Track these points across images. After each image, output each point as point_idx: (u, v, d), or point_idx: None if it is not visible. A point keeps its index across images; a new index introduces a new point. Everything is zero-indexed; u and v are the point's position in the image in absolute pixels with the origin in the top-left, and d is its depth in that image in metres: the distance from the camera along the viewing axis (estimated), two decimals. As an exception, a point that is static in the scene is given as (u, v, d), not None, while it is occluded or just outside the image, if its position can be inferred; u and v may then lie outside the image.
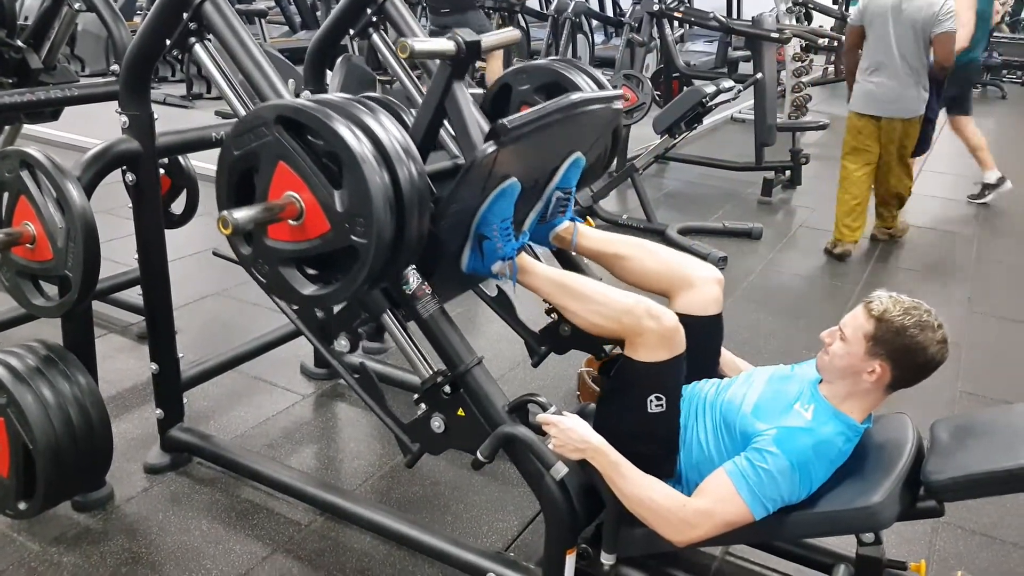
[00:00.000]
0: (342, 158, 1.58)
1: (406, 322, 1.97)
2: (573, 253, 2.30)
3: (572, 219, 2.21)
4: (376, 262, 1.61)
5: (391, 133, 1.65)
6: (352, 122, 1.60)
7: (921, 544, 2.35)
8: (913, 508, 1.72)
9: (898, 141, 4.59)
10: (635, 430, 1.85)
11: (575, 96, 2.02)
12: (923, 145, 4.90)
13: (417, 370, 1.95)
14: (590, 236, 2.21)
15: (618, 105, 2.19)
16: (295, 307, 2.12)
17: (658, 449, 1.88)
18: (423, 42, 1.87)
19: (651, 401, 1.85)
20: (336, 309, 2.03)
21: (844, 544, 1.99)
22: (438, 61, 1.95)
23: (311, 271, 1.75)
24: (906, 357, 1.68)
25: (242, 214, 1.58)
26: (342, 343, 2.01)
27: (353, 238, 1.60)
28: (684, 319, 1.90)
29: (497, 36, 2.18)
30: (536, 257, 2.22)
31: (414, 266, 1.88)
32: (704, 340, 2.01)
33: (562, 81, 2.31)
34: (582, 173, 2.20)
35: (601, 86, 2.32)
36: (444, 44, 1.89)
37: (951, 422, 1.87)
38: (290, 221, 1.66)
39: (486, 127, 2.13)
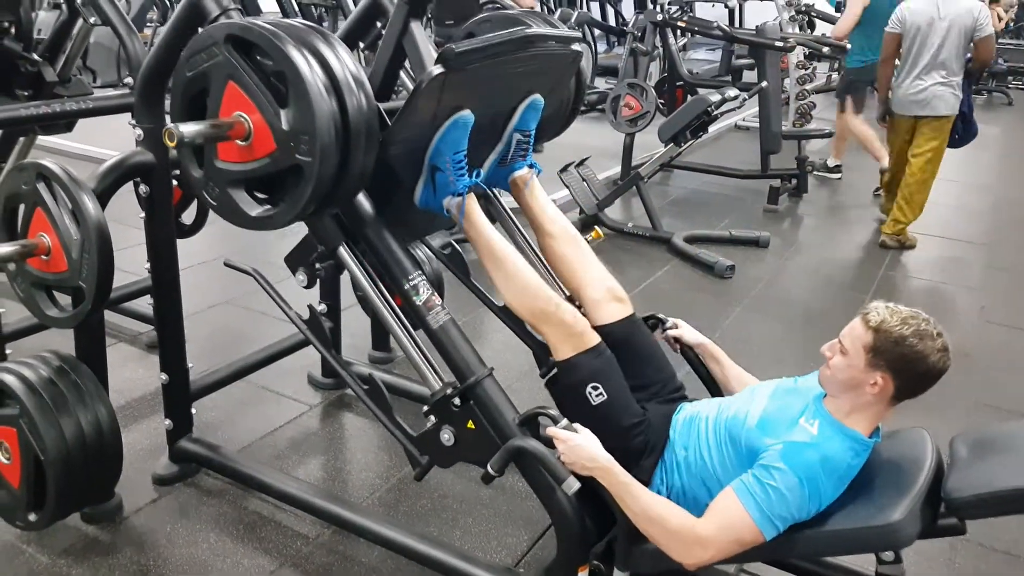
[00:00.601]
0: (287, 75, 1.62)
1: (416, 330, 1.97)
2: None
3: (531, 165, 2.22)
4: (321, 181, 1.65)
5: (343, 61, 1.69)
6: (303, 45, 1.64)
7: (940, 562, 2.33)
8: (934, 526, 1.69)
9: (930, 139, 4.90)
10: (595, 428, 1.84)
11: (530, 31, 2.03)
12: (968, 136, 5.10)
13: (427, 381, 1.95)
14: (536, 197, 2.22)
15: (577, 47, 2.19)
16: (304, 320, 2.13)
17: (625, 441, 1.90)
18: None
19: (590, 393, 1.91)
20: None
21: (862, 562, 1.97)
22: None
23: (261, 196, 1.79)
24: (907, 367, 1.67)
25: (188, 128, 1.63)
26: (299, 278, 2.04)
27: (298, 156, 1.64)
28: (599, 330, 2.01)
29: None
30: (502, 207, 2.27)
31: (378, 209, 1.92)
32: (631, 339, 2.08)
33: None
34: (543, 121, 2.21)
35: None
36: None
37: (970, 437, 1.83)
38: (238, 141, 1.70)
39: None
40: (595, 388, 1.91)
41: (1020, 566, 2.34)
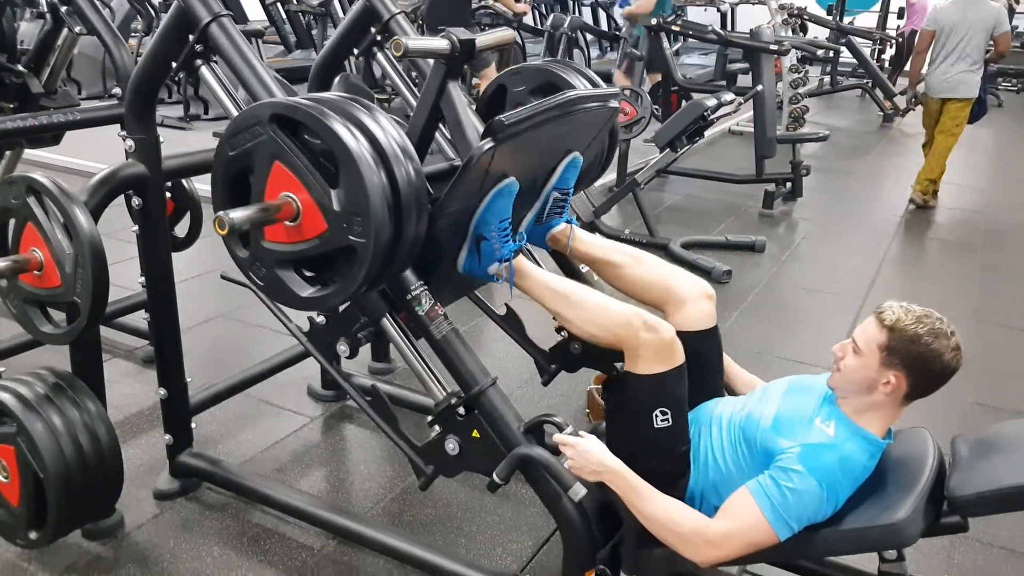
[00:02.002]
0: (338, 156, 1.56)
1: (417, 340, 1.96)
2: (570, 256, 2.28)
3: (568, 221, 2.20)
4: (375, 262, 1.60)
5: (388, 132, 1.64)
6: (349, 120, 1.59)
7: (940, 559, 2.33)
8: (937, 524, 1.69)
9: (953, 117, 5.95)
10: (644, 447, 1.83)
11: (572, 93, 2.01)
12: (981, 113, 6.15)
13: (431, 391, 1.94)
14: (585, 240, 2.19)
15: (615, 104, 2.17)
16: (304, 332, 2.11)
17: (670, 465, 1.86)
18: (417, 40, 1.86)
19: (656, 416, 1.83)
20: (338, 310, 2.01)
21: (865, 561, 1.96)
22: (432, 62, 1.93)
23: (309, 273, 1.74)
24: (921, 365, 1.67)
25: (238, 214, 1.56)
26: (341, 348, 1.99)
27: (351, 238, 1.58)
28: (679, 336, 1.87)
29: (492, 36, 2.18)
30: (534, 259, 2.21)
31: (420, 279, 1.88)
32: (703, 355, 1.99)
33: (557, 81, 2.30)
34: (579, 174, 2.19)
35: (596, 86, 2.31)
36: (438, 43, 1.88)
37: (971, 436, 1.84)
38: (287, 222, 1.64)
39: (481, 127, 2.13)
40: (664, 412, 1.83)
41: (1018, 561, 2.33)
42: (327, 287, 1.69)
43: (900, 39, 11.10)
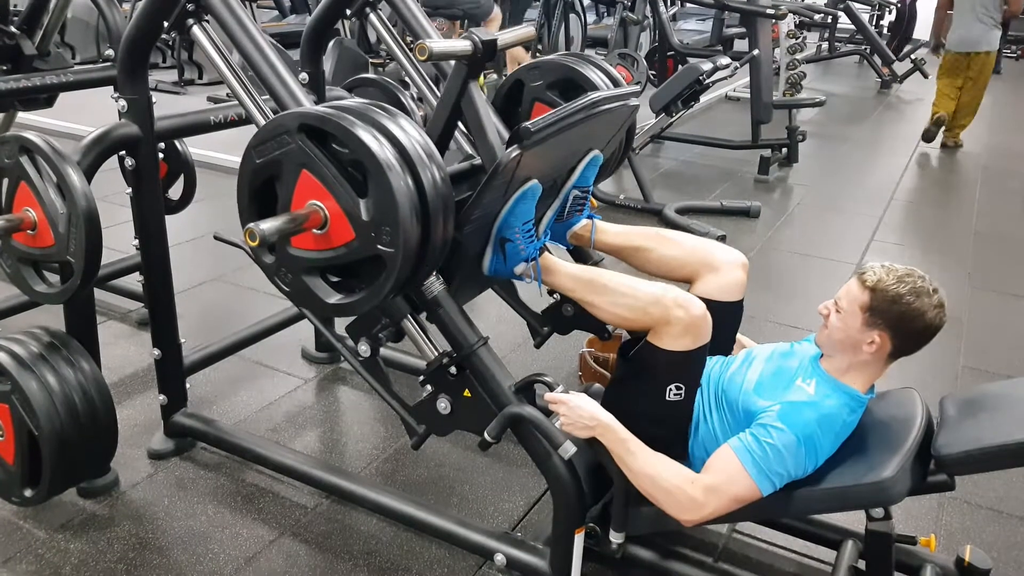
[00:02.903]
0: (368, 167, 1.56)
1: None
2: (591, 250, 2.29)
3: (590, 216, 2.21)
4: (403, 270, 1.60)
5: (412, 137, 1.63)
6: (375, 128, 1.58)
7: (928, 519, 2.36)
8: (924, 482, 1.72)
9: (980, 67, 6.72)
10: (649, 413, 1.85)
11: (595, 95, 2.00)
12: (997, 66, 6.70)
13: (422, 351, 1.95)
14: (609, 231, 2.21)
15: (635, 102, 2.18)
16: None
17: (671, 434, 1.88)
18: (440, 44, 1.84)
19: (670, 389, 1.84)
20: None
21: (852, 520, 2.00)
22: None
23: (334, 279, 1.74)
24: (904, 324, 1.68)
25: (268, 225, 1.55)
26: (362, 348, 1.99)
27: (379, 247, 1.58)
28: (706, 304, 1.86)
29: (513, 34, 2.16)
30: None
31: (445, 282, 1.89)
32: (722, 327, 1.96)
33: (576, 77, 2.30)
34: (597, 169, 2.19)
35: (614, 80, 2.31)
36: (461, 44, 1.87)
37: (960, 396, 1.87)
38: (314, 230, 1.64)
39: (501, 127, 2.13)
40: (678, 388, 1.84)
41: (1005, 522, 2.37)
42: (354, 294, 1.69)
43: (901, 4, 11.00)
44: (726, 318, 2.02)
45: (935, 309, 1.68)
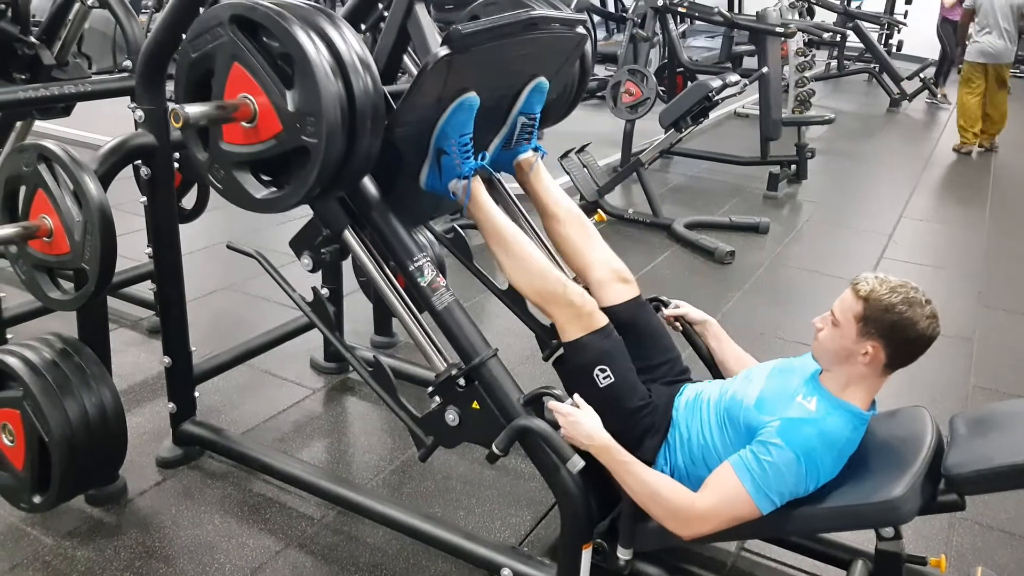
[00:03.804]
0: (294, 56, 1.61)
1: (421, 313, 1.97)
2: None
3: (536, 148, 2.22)
4: (327, 163, 1.64)
5: (349, 43, 1.67)
6: (310, 26, 1.63)
7: (938, 540, 2.34)
8: (934, 502, 1.70)
9: (997, 77, 7.50)
10: (599, 407, 1.85)
11: (536, 12, 2.02)
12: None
13: (431, 363, 1.95)
14: (541, 179, 2.22)
15: (582, 30, 2.18)
16: (308, 302, 2.13)
17: (629, 423, 1.91)
18: None
19: (597, 375, 1.91)
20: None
21: (862, 539, 1.99)
22: None
23: (266, 177, 1.78)
24: (897, 334, 1.68)
25: (194, 109, 1.62)
26: (304, 262, 2.03)
27: (304, 138, 1.63)
28: (606, 311, 2.01)
29: None
30: (505, 190, 2.26)
31: (383, 192, 1.91)
32: (642, 319, 2.09)
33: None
34: (547, 106, 2.21)
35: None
36: None
37: (970, 415, 1.86)
38: (244, 123, 1.69)
39: None
40: (603, 370, 1.92)
41: (1017, 544, 2.35)
42: (282, 189, 1.74)
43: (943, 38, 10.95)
44: (637, 311, 2.10)
45: (927, 319, 1.68)
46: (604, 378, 1.92)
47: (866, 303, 1.70)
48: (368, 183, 1.94)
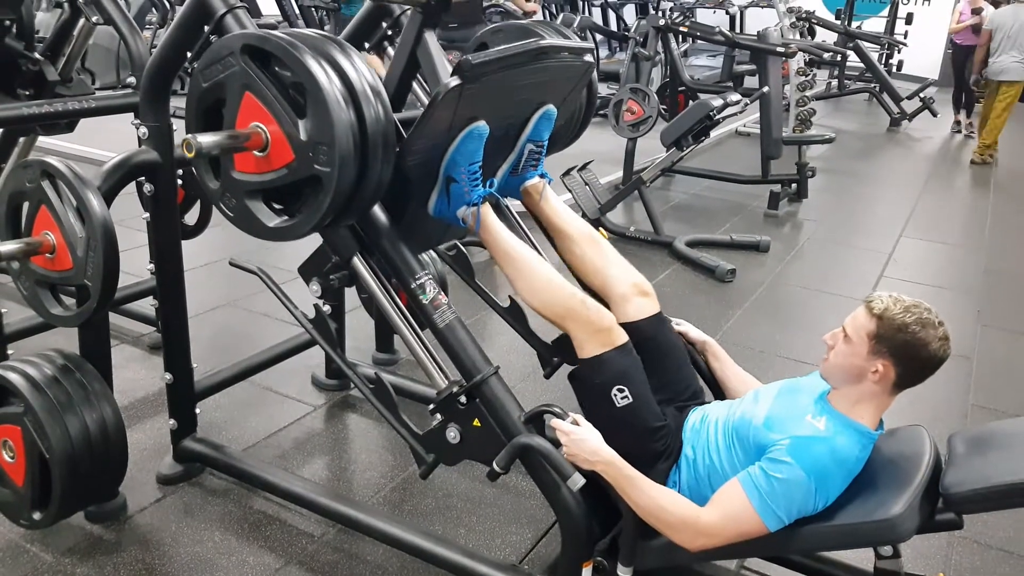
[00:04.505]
0: (306, 85, 1.61)
1: (423, 330, 1.98)
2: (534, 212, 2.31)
3: (543, 175, 2.23)
4: (339, 192, 1.64)
5: (360, 71, 1.68)
6: (319, 55, 1.63)
7: (937, 559, 2.34)
8: (932, 520, 1.70)
9: (1012, 94, 7.92)
10: (615, 428, 1.85)
11: (545, 42, 2.03)
12: None
13: (433, 380, 1.96)
14: (551, 203, 2.22)
15: (589, 58, 2.20)
16: (310, 319, 2.13)
17: (645, 443, 1.89)
18: None
19: (615, 395, 1.89)
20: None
21: (861, 558, 1.98)
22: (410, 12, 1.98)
23: (277, 205, 1.78)
24: (908, 353, 1.68)
25: (206, 139, 1.62)
26: (313, 288, 2.03)
27: (316, 167, 1.63)
28: (625, 327, 1.97)
29: None
30: (519, 225, 2.26)
31: (392, 221, 1.91)
32: (660, 337, 2.07)
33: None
34: (555, 133, 2.22)
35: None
36: None
37: (968, 434, 1.86)
38: (255, 152, 1.69)
39: None
40: (621, 390, 1.89)
41: (1016, 563, 2.35)
42: (293, 218, 1.74)
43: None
44: (656, 328, 2.09)
45: (939, 341, 1.68)
46: (622, 398, 1.89)
47: (880, 321, 1.70)
48: (378, 210, 1.93)
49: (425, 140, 1.86)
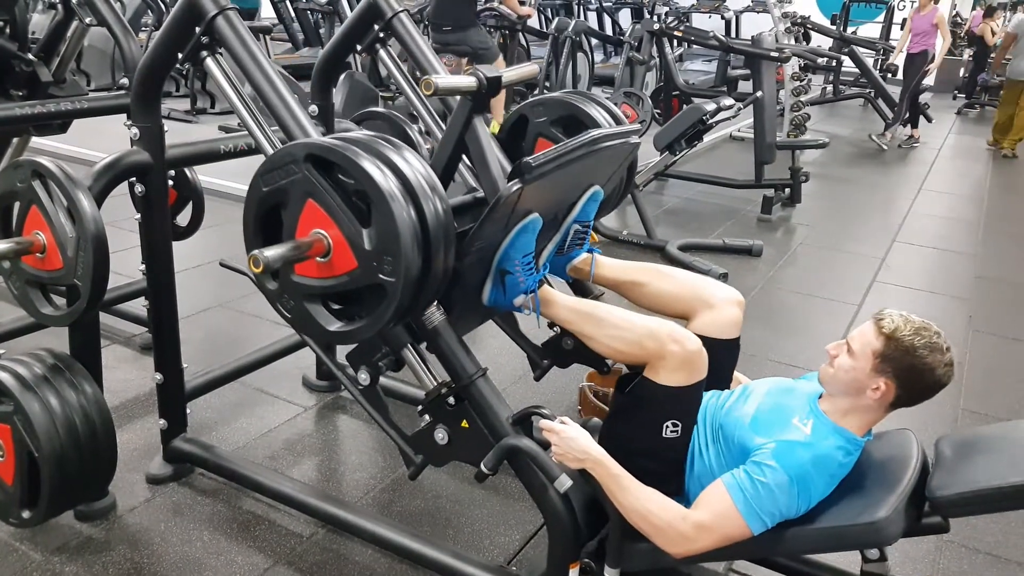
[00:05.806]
0: (371, 197, 1.59)
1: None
2: (591, 283, 2.30)
3: (590, 250, 2.23)
4: (403, 300, 1.62)
5: (416, 169, 1.66)
6: (380, 160, 1.62)
7: (925, 563, 2.35)
8: (918, 524, 1.71)
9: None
10: (645, 449, 1.85)
11: (596, 132, 2.03)
12: None
13: (421, 381, 1.96)
14: (607, 265, 2.23)
15: (636, 140, 2.21)
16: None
17: (666, 469, 1.88)
18: (446, 79, 1.89)
19: (667, 426, 1.84)
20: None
21: (847, 561, 1.99)
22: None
23: (335, 306, 1.76)
24: (913, 377, 1.69)
25: (272, 252, 1.59)
26: (362, 376, 2.00)
27: (381, 276, 1.61)
28: (703, 341, 1.87)
29: (517, 71, 2.21)
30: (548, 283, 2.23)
31: (446, 312, 1.90)
32: (719, 364, 1.96)
33: (578, 114, 2.34)
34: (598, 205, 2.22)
35: (616, 118, 2.35)
36: (466, 81, 1.91)
37: (955, 438, 1.87)
38: (317, 258, 1.67)
39: (504, 161, 2.16)
40: (675, 425, 1.84)
41: (1003, 567, 2.36)
42: (354, 322, 1.71)
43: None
44: (722, 355, 2.02)
45: (945, 367, 1.68)
46: (671, 431, 1.84)
47: (888, 341, 1.69)
48: (433, 307, 1.91)
49: (483, 241, 1.86)
